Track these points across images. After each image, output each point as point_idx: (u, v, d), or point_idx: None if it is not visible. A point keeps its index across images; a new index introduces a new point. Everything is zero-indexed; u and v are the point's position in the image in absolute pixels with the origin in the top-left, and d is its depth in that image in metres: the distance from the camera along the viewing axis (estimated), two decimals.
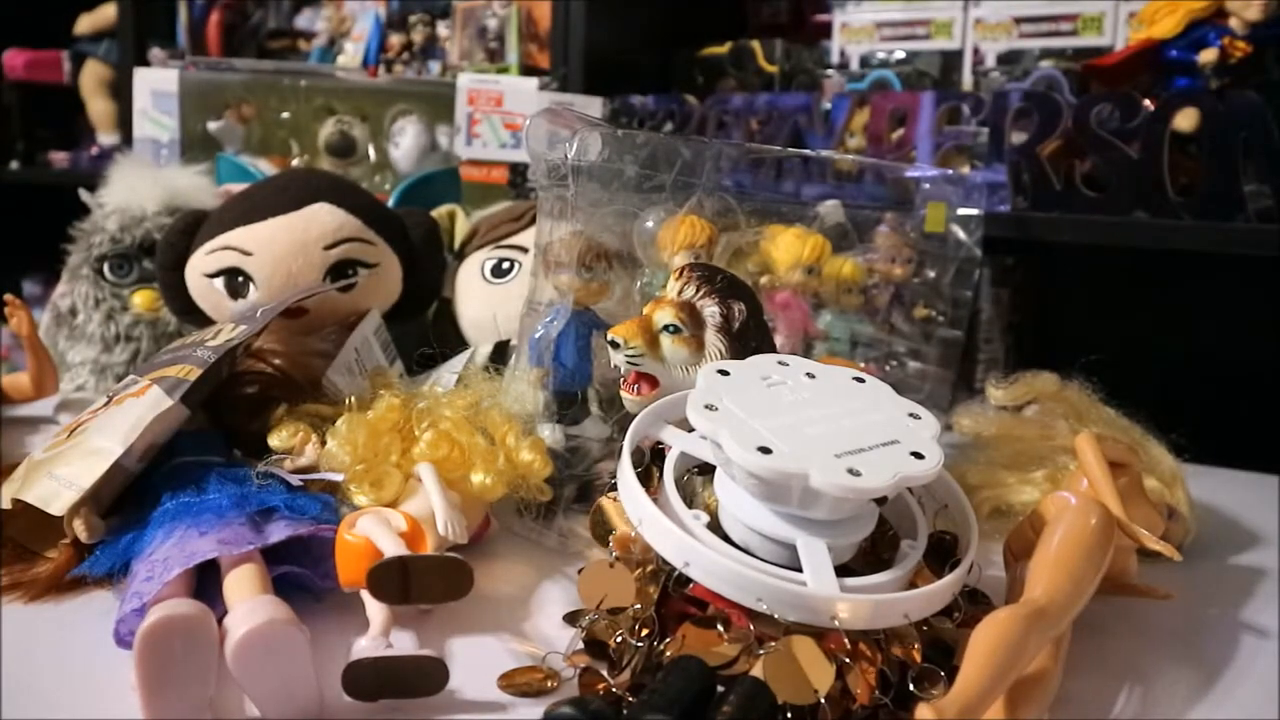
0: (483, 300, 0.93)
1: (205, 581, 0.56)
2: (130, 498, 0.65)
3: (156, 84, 1.24)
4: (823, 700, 0.46)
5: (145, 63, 1.42)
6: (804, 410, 0.53)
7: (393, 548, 0.55)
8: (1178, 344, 1.17)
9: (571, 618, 0.59)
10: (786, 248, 0.83)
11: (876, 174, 0.98)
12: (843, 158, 1.03)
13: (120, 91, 1.56)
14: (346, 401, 0.69)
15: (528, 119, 0.73)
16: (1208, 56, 0.94)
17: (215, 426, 0.72)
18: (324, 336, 0.82)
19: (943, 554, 0.56)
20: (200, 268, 0.84)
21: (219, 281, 0.83)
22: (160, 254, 0.87)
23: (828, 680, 0.47)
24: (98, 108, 1.68)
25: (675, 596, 0.52)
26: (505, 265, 0.93)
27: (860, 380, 0.58)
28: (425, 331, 0.96)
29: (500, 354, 0.85)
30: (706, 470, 0.57)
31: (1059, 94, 0.98)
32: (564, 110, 0.70)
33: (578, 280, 0.69)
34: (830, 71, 1.21)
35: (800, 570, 0.49)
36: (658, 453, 0.59)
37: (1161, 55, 0.98)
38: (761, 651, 0.48)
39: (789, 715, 0.46)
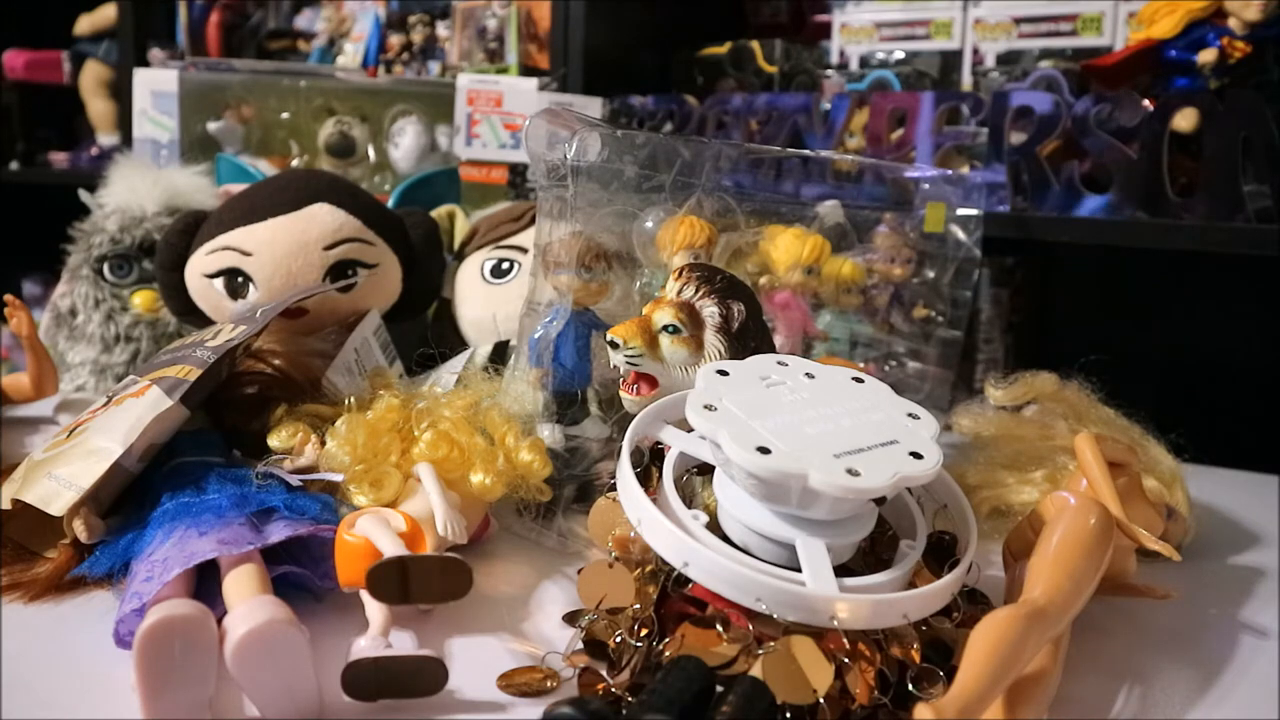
0: (482, 300, 0.93)
1: (205, 581, 0.56)
2: (130, 498, 0.65)
3: (156, 84, 1.24)
4: (822, 700, 0.46)
5: (145, 63, 1.42)
6: (803, 410, 0.53)
7: (392, 548, 0.55)
8: (1178, 344, 1.17)
9: (571, 618, 0.59)
10: (786, 248, 0.83)
11: (876, 174, 0.98)
12: (842, 158, 1.03)
13: (120, 92, 1.56)
14: (346, 402, 0.69)
15: (527, 119, 0.73)
16: (1207, 57, 0.94)
17: (215, 426, 0.72)
18: (324, 337, 0.82)
19: (942, 554, 0.56)
20: (200, 268, 0.84)
21: (219, 282, 0.83)
22: (160, 254, 0.87)
23: (827, 680, 0.47)
24: (98, 108, 1.68)
25: (674, 596, 0.52)
26: (505, 265, 0.93)
27: (859, 380, 0.58)
28: (425, 331, 0.96)
29: (500, 354, 0.85)
30: (706, 470, 0.57)
31: (1059, 94, 0.98)
32: (563, 110, 0.70)
33: (577, 280, 0.69)
34: (830, 72, 1.21)
35: (799, 570, 0.49)
36: (657, 453, 0.59)
37: (1161, 55, 0.98)
38: (760, 651, 0.48)
39: (788, 715, 0.46)
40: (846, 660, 0.48)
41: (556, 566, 0.68)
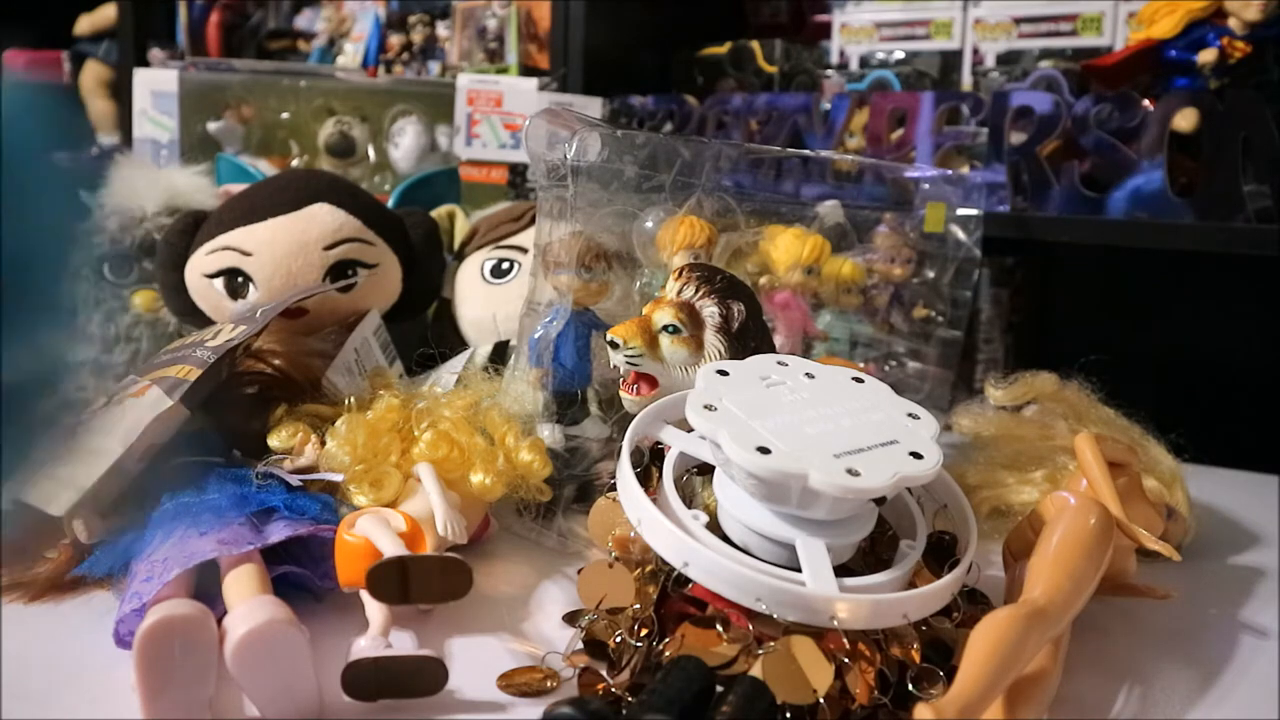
0: (482, 300, 0.93)
1: (205, 581, 0.56)
2: (130, 498, 0.65)
3: (156, 84, 1.24)
4: (821, 700, 0.46)
5: (145, 63, 1.42)
6: (803, 410, 0.53)
7: (392, 548, 0.55)
8: (1178, 344, 1.17)
9: (571, 618, 0.59)
10: (786, 248, 0.83)
11: (876, 174, 0.98)
12: (842, 158, 1.03)
13: (120, 92, 1.56)
14: (346, 402, 0.69)
15: (527, 119, 0.73)
16: (1207, 57, 0.94)
17: (215, 427, 0.72)
18: (324, 337, 0.82)
19: (942, 554, 0.56)
20: (200, 268, 0.84)
21: (219, 282, 0.83)
22: (160, 254, 0.87)
23: (827, 680, 0.47)
24: (98, 108, 1.68)
25: (674, 596, 0.52)
26: (505, 265, 0.93)
27: (859, 380, 0.58)
28: (425, 331, 0.96)
29: (500, 354, 0.85)
30: (706, 470, 0.57)
31: (1059, 94, 0.98)
32: (563, 110, 0.70)
33: (577, 280, 0.69)
34: (830, 72, 1.21)
35: (799, 570, 0.49)
36: (657, 453, 0.59)
37: (1161, 55, 0.98)
38: (760, 651, 0.48)
39: (788, 715, 0.46)
40: (846, 660, 0.48)
41: (556, 566, 0.68)
